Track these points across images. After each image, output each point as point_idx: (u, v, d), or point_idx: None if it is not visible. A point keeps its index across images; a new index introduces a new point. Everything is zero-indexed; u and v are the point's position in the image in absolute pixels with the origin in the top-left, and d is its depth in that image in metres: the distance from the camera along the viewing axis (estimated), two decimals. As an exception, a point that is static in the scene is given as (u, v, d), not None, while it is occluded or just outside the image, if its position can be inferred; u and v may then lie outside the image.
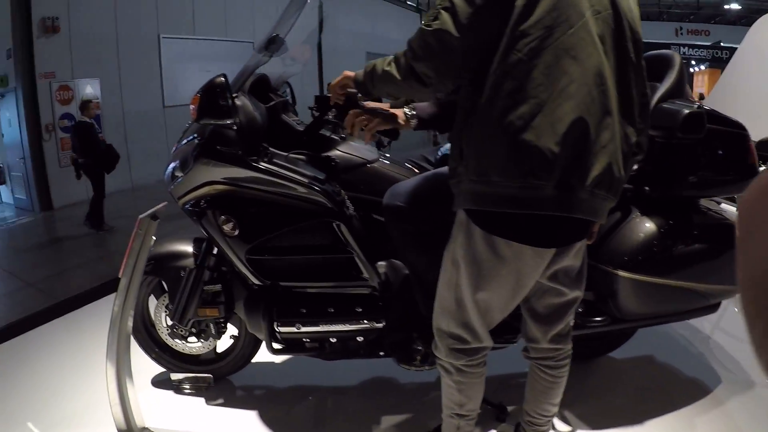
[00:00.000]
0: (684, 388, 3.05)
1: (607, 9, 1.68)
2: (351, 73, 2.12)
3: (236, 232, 2.57)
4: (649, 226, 2.44)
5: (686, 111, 2.33)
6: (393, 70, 1.83)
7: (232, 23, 14.93)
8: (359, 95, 2.20)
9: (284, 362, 3.46)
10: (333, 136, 2.76)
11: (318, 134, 2.70)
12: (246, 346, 3.11)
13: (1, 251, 8.30)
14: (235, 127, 2.44)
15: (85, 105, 8.59)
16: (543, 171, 1.60)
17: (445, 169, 2.29)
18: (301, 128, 2.75)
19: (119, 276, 2.52)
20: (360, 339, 2.71)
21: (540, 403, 2.23)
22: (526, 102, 1.58)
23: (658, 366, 3.29)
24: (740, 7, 29.45)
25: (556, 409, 2.27)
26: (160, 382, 3.27)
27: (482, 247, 1.80)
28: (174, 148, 2.80)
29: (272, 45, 2.65)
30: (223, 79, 2.37)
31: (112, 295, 4.66)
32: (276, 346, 2.75)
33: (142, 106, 12.13)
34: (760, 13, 8.85)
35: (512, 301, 1.93)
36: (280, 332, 2.70)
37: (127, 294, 2.49)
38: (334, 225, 2.54)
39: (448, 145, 2.70)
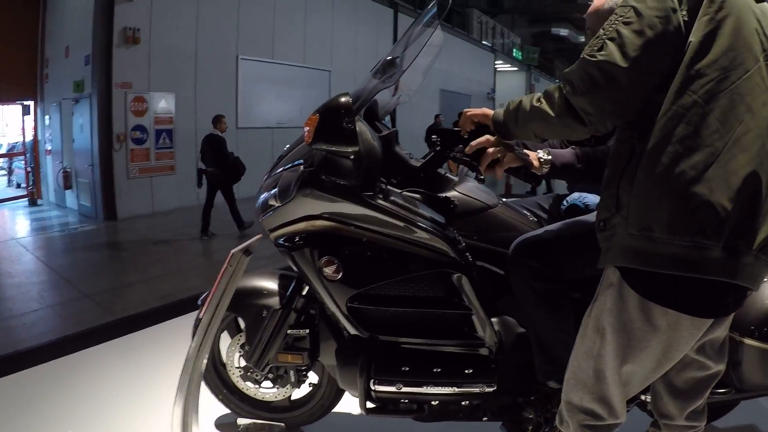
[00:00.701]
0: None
1: None
2: (489, 112, 1.97)
3: (339, 276, 2.28)
4: None
5: None
6: (545, 106, 1.68)
7: (310, 50, 14.98)
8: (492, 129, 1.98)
9: (362, 415, 3.14)
10: (449, 176, 2.47)
11: (435, 172, 2.41)
12: (326, 396, 2.80)
13: (60, 257, 8.18)
14: (352, 156, 2.15)
15: (218, 119, 8.98)
16: (713, 230, 1.45)
17: (582, 219, 2.18)
18: (416, 163, 2.46)
19: (200, 316, 2.25)
20: (465, 403, 2.40)
21: None
22: (700, 150, 1.45)
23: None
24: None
25: None
26: (224, 425, 3.00)
27: (635, 315, 1.62)
28: (266, 176, 2.53)
29: (390, 68, 2.36)
30: (349, 98, 2.10)
31: (172, 321, 4.63)
32: (369, 405, 2.43)
33: (215, 125, 12.09)
34: None
35: (655, 374, 1.74)
36: (376, 391, 2.38)
37: (206, 332, 2.22)
38: (454, 277, 2.24)
39: (575, 195, 2.48)
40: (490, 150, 1.97)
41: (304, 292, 2.55)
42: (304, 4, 14.79)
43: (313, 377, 2.82)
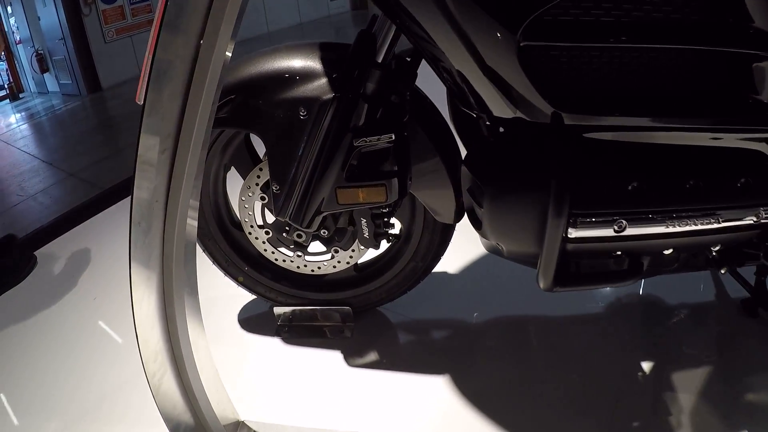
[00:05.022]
0: None
1: None
2: None
3: None
4: None
5: None
6: None
7: None
8: None
9: (465, 286, 2.00)
10: None
11: None
12: (419, 256, 1.65)
13: (42, 143, 7.43)
14: None
15: None
16: None
17: None
18: None
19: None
20: (716, 249, 1.26)
21: None
22: None
23: None
24: None
25: None
26: (251, 319, 1.90)
27: None
28: None
29: None
30: None
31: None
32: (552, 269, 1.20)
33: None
34: None
35: None
36: (572, 239, 1.17)
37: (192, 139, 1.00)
38: None
39: None
40: None
41: (380, 58, 1.30)
42: None
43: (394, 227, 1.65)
